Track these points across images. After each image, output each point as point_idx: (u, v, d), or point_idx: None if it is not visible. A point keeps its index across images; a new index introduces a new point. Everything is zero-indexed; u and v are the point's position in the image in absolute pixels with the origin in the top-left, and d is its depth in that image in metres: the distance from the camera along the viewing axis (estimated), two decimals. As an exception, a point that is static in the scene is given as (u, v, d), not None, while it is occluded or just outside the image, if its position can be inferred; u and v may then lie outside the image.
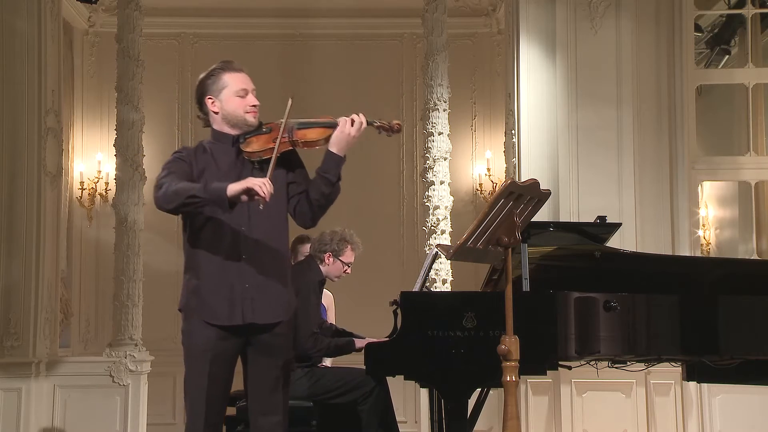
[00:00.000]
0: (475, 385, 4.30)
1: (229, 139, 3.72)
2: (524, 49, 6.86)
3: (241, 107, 3.69)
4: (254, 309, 3.61)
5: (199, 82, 3.76)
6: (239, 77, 3.72)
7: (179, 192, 3.52)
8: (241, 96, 3.69)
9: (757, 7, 7.26)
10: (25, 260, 6.60)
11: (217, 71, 3.73)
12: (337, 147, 3.65)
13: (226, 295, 3.61)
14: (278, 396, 3.68)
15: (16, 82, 6.70)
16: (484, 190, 8.66)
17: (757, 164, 7.12)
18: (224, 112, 3.71)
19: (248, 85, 3.72)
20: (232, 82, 3.70)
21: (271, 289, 3.65)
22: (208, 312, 3.62)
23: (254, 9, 8.68)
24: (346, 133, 3.64)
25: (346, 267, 5.41)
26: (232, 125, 3.71)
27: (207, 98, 3.73)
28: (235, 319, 3.60)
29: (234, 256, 3.61)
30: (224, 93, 3.70)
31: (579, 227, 5.00)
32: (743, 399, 6.48)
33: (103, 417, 6.70)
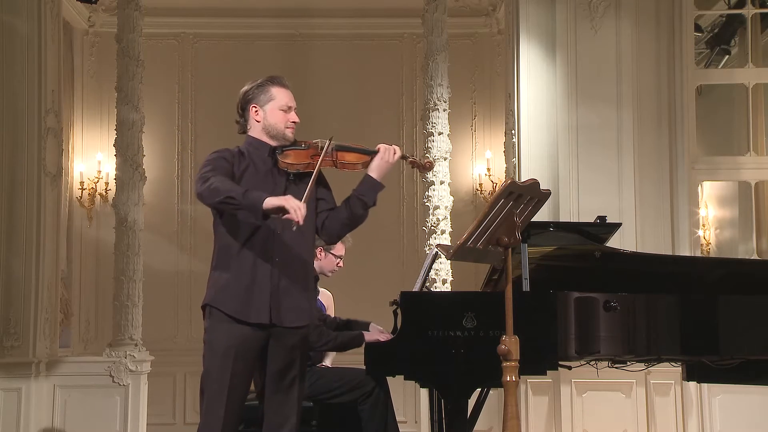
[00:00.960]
0: (475, 385, 4.30)
1: (266, 148, 3.84)
2: (524, 49, 6.86)
3: (283, 121, 3.83)
4: (281, 311, 3.72)
5: (246, 90, 3.89)
6: (285, 93, 3.87)
7: (221, 190, 3.61)
8: (285, 111, 3.84)
9: (757, 7, 7.27)
10: (25, 260, 6.60)
11: (267, 83, 3.87)
12: (377, 173, 3.88)
13: (256, 293, 3.70)
14: (293, 396, 3.78)
15: (16, 82, 6.70)
16: (484, 190, 8.65)
17: (757, 164, 7.12)
18: (266, 123, 3.84)
19: (292, 102, 3.88)
20: (279, 96, 3.85)
21: (298, 293, 3.77)
22: (236, 307, 3.70)
23: (254, 9, 8.69)
24: (386, 161, 3.86)
25: (338, 260, 5.39)
26: (271, 137, 3.84)
27: (252, 107, 3.86)
28: (263, 318, 3.70)
29: (266, 257, 3.72)
30: (270, 105, 3.84)
31: (579, 227, 5.00)
32: (743, 399, 6.48)
33: (103, 417, 6.70)
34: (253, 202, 3.56)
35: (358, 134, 8.70)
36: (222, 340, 3.70)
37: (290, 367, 3.78)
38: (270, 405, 3.79)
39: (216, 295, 3.74)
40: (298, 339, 3.80)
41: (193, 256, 8.65)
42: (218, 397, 3.67)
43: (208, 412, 3.69)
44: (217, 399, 3.67)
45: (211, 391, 3.69)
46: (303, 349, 3.84)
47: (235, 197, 3.58)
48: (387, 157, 3.86)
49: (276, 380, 3.77)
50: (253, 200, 3.57)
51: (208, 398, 3.69)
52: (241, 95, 3.89)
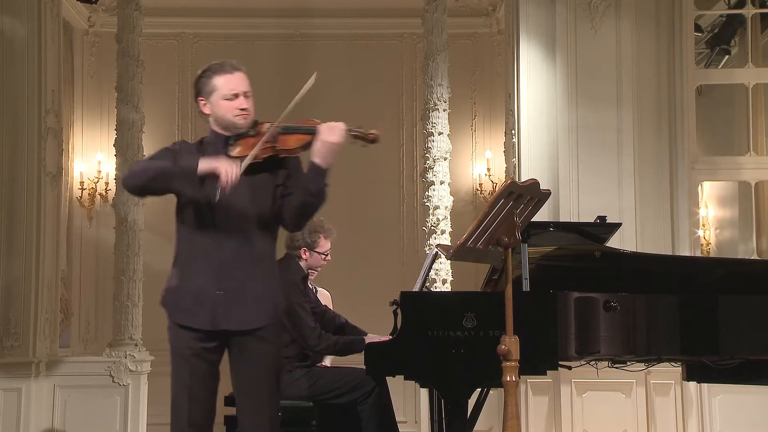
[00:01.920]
0: (475, 385, 4.30)
1: (221, 139, 3.66)
2: (524, 49, 6.86)
3: (230, 111, 3.62)
4: (226, 315, 3.52)
5: (193, 82, 3.73)
6: (230, 79, 3.63)
7: (147, 168, 3.50)
8: (230, 99, 3.61)
9: (757, 7, 7.26)
10: (25, 260, 6.60)
11: (208, 73, 3.66)
12: (319, 157, 3.53)
13: (197, 299, 3.54)
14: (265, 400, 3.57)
15: (16, 83, 6.70)
16: (484, 190, 8.65)
17: (757, 164, 7.12)
18: (215, 115, 3.66)
19: (239, 87, 3.63)
20: (221, 86, 3.62)
21: (249, 295, 3.55)
22: (178, 313, 3.59)
23: (254, 9, 8.68)
24: (327, 142, 3.52)
25: (324, 256, 5.37)
26: (223, 128, 3.66)
27: (199, 100, 3.69)
28: (204, 324, 3.53)
29: (212, 259, 3.54)
30: (214, 96, 3.63)
31: (579, 227, 5.00)
32: (743, 399, 6.48)
33: (103, 417, 6.70)
34: (188, 167, 3.43)
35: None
36: (176, 341, 3.59)
37: (257, 373, 3.55)
38: (241, 414, 3.60)
39: (164, 299, 3.66)
40: (260, 342, 3.55)
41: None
42: (181, 398, 3.56)
43: (175, 412, 3.59)
44: (181, 400, 3.57)
45: (174, 392, 3.59)
46: (270, 352, 3.58)
47: (168, 168, 3.45)
48: (326, 137, 3.50)
49: (243, 388, 3.58)
50: (187, 166, 3.44)
51: (173, 399, 3.59)
52: (192, 86, 3.73)
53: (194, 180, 3.44)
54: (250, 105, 3.65)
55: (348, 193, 8.39)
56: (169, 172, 3.47)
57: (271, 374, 3.59)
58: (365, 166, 8.32)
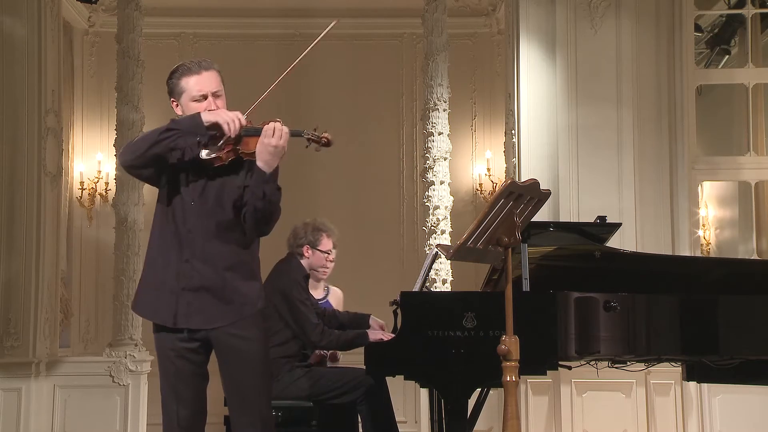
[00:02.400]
0: (475, 385, 4.30)
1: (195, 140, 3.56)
2: (524, 49, 6.86)
3: None
4: (189, 314, 3.45)
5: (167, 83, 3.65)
6: (197, 80, 3.53)
7: (147, 136, 3.41)
8: (199, 101, 3.52)
9: (757, 7, 7.26)
10: (25, 260, 6.61)
11: (177, 74, 3.58)
12: (261, 160, 3.36)
13: (159, 296, 3.48)
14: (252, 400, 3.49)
15: (16, 83, 6.71)
16: (484, 190, 8.65)
17: (757, 164, 7.12)
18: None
19: (207, 87, 3.53)
20: (189, 87, 3.54)
21: (214, 293, 3.46)
22: (143, 309, 3.56)
23: (254, 9, 8.68)
24: (266, 144, 3.35)
25: (327, 255, 5.37)
26: None
27: (171, 101, 3.63)
28: (167, 321, 3.46)
29: (177, 257, 3.47)
30: (183, 98, 3.57)
31: (579, 227, 5.00)
32: (743, 399, 6.48)
33: (103, 417, 6.70)
34: (190, 121, 3.36)
35: (358, 134, 8.76)
36: (159, 342, 3.54)
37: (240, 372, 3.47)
38: (231, 415, 3.54)
39: (134, 297, 3.64)
40: (236, 339, 3.45)
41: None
42: (170, 400, 3.52)
43: (165, 413, 3.54)
44: (169, 401, 3.52)
45: (163, 394, 3.54)
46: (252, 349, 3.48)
47: (167, 129, 3.36)
48: (267, 139, 3.33)
49: (229, 388, 3.51)
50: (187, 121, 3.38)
51: (162, 401, 3.54)
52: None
53: (202, 132, 3.34)
54: (220, 104, 3.54)
55: (348, 193, 8.39)
56: (174, 131, 3.37)
57: (256, 373, 3.50)
58: (365, 166, 8.32)
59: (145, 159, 3.43)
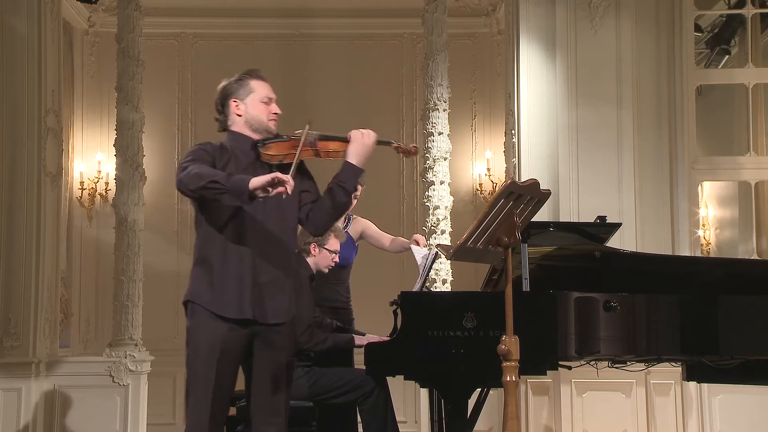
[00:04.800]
0: (475, 385, 4.30)
1: (249, 141, 3.79)
2: (524, 49, 6.86)
3: (265, 113, 3.81)
4: (263, 307, 3.68)
5: (224, 86, 3.85)
6: (265, 85, 3.85)
7: (203, 175, 3.56)
8: (266, 103, 3.82)
9: (757, 7, 7.27)
10: (25, 260, 6.60)
11: (245, 77, 3.84)
12: (355, 158, 3.78)
13: (238, 289, 3.66)
14: (281, 396, 3.73)
15: (16, 82, 6.70)
16: (484, 190, 8.65)
17: (757, 164, 7.12)
18: (248, 116, 3.80)
19: (272, 94, 3.85)
20: (258, 89, 3.82)
21: (280, 289, 3.72)
22: (218, 304, 3.66)
23: (254, 9, 8.68)
24: (362, 144, 3.77)
25: (333, 255, 5.40)
26: (254, 130, 3.80)
27: (232, 101, 3.82)
28: (245, 313, 3.66)
29: (247, 252, 3.67)
30: (250, 98, 3.81)
31: (579, 227, 5.00)
32: (743, 399, 6.48)
33: (103, 417, 6.70)
34: (238, 183, 3.51)
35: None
36: (205, 339, 3.65)
37: (276, 366, 3.72)
38: (256, 406, 3.74)
39: (196, 291, 3.71)
40: (282, 337, 3.74)
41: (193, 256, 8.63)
42: (204, 398, 3.62)
43: (195, 414, 3.64)
44: (204, 400, 3.62)
45: (197, 391, 3.64)
46: (289, 348, 3.78)
47: (219, 181, 3.52)
48: (363, 140, 3.78)
49: (262, 380, 3.72)
50: (238, 182, 3.51)
51: (195, 400, 3.64)
52: (219, 91, 3.85)
53: (245, 197, 3.53)
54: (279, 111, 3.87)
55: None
56: (221, 187, 3.53)
57: (288, 369, 3.78)
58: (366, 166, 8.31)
59: (193, 197, 3.67)
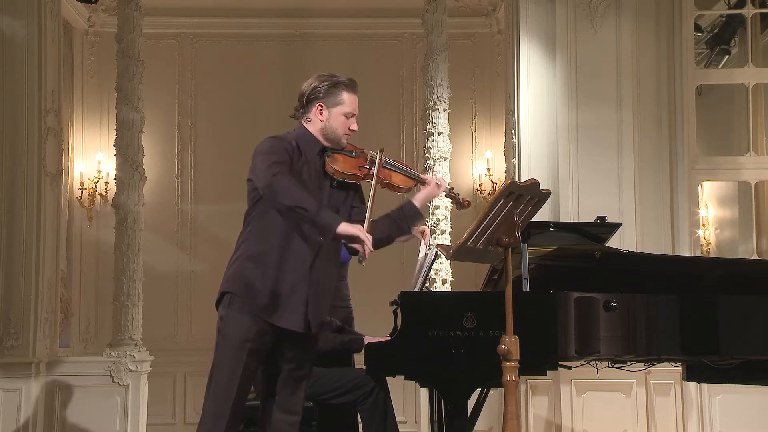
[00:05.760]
0: (475, 385, 4.30)
1: (318, 147, 3.80)
2: (524, 49, 6.86)
3: (344, 128, 3.83)
4: (310, 317, 3.75)
5: (316, 85, 3.81)
6: (354, 99, 3.85)
7: (295, 196, 3.51)
8: (348, 118, 3.83)
9: (757, 7, 7.26)
10: (25, 260, 6.60)
11: (340, 86, 3.82)
12: (420, 203, 3.90)
13: (293, 299, 3.70)
14: (300, 395, 3.87)
15: (16, 82, 6.70)
16: (484, 190, 8.65)
17: (757, 164, 7.12)
18: (328, 125, 3.81)
19: (356, 109, 3.87)
20: (348, 102, 3.83)
21: (324, 300, 3.83)
22: (273, 312, 3.69)
23: (254, 9, 8.69)
24: (432, 195, 3.92)
25: None
26: (328, 139, 3.82)
27: (318, 104, 3.80)
28: (299, 326, 3.72)
29: (307, 262, 3.73)
30: (337, 109, 3.81)
31: (579, 227, 4.99)
32: (743, 399, 6.48)
33: (103, 417, 6.70)
34: (327, 223, 3.50)
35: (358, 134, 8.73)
36: (239, 333, 3.68)
37: (302, 365, 3.86)
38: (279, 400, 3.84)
39: (247, 288, 3.70)
40: (312, 341, 3.88)
41: (193, 256, 8.65)
42: (228, 389, 3.65)
43: (215, 403, 3.66)
44: (226, 391, 3.65)
45: (222, 381, 3.67)
46: (314, 347, 3.92)
47: (310, 210, 3.48)
48: (434, 192, 3.91)
49: (287, 376, 3.84)
50: (327, 221, 3.50)
51: (217, 388, 3.66)
52: (309, 88, 3.81)
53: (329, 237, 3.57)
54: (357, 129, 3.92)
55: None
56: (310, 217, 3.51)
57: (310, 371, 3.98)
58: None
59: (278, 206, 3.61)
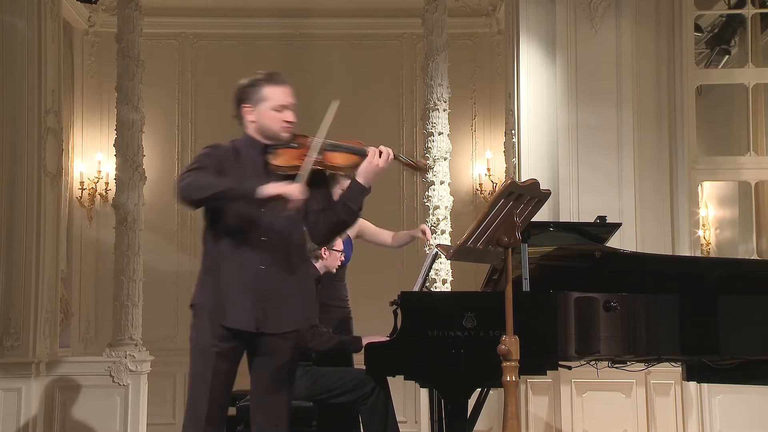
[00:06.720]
0: (475, 385, 4.30)
1: (259, 147, 3.73)
2: (524, 49, 6.86)
3: (277, 123, 3.71)
4: (267, 318, 3.66)
5: (238, 87, 3.77)
6: (280, 91, 3.73)
7: (204, 186, 3.54)
8: (278, 111, 3.71)
9: (757, 7, 7.26)
10: (25, 260, 6.60)
11: (259, 82, 3.74)
12: (364, 178, 3.68)
13: (242, 300, 3.64)
14: (281, 400, 3.73)
15: (16, 82, 6.70)
16: (484, 190, 8.65)
17: (757, 164, 7.12)
18: (259, 123, 3.72)
19: (287, 100, 3.73)
20: (272, 97, 3.71)
21: (286, 299, 3.69)
22: (222, 314, 3.65)
23: (254, 9, 8.69)
24: (374, 165, 3.66)
25: (340, 254, 5.43)
26: (265, 137, 3.73)
27: (244, 106, 3.74)
28: (249, 326, 3.64)
29: (255, 262, 3.65)
30: (262, 105, 3.71)
31: (579, 227, 4.99)
32: (743, 399, 6.48)
33: (103, 417, 6.70)
34: (246, 191, 3.49)
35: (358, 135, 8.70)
36: (203, 339, 3.66)
37: (279, 370, 3.72)
38: (258, 408, 3.74)
39: (203, 299, 3.70)
40: (288, 344, 3.73)
41: (193, 256, 8.64)
42: (201, 396, 3.63)
43: (193, 406, 3.66)
44: (200, 398, 3.64)
45: (194, 390, 3.66)
46: (293, 354, 3.76)
47: (225, 190, 3.51)
48: (375, 161, 3.65)
49: (263, 383, 3.72)
50: (246, 189, 3.50)
51: (191, 397, 3.66)
52: (235, 92, 3.79)
53: (255, 203, 3.52)
54: (293, 118, 3.75)
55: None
56: (229, 194, 3.54)
57: (291, 377, 3.79)
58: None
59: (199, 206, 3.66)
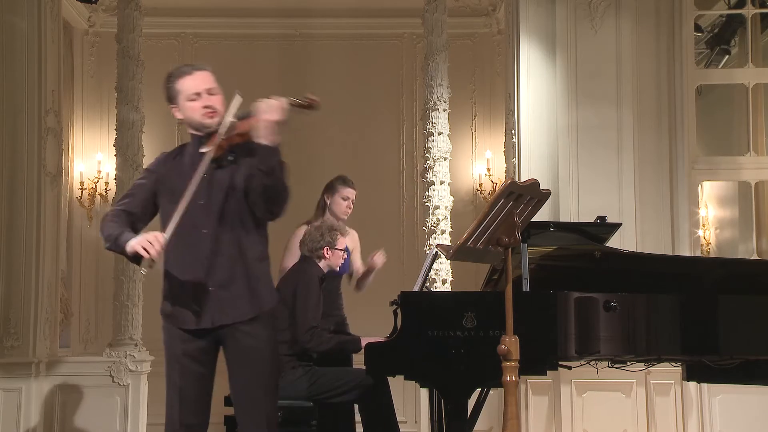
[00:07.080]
0: (475, 385, 4.30)
1: (197, 140, 3.68)
2: (524, 49, 6.86)
3: (196, 111, 3.63)
4: (221, 310, 3.57)
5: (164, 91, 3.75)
6: (189, 81, 3.65)
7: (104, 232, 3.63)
8: (194, 100, 3.63)
9: (757, 7, 7.26)
10: (25, 260, 6.60)
11: (171, 79, 3.69)
12: (264, 137, 3.51)
13: (191, 300, 3.58)
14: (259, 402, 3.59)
15: (16, 82, 6.70)
16: (484, 190, 8.65)
17: (757, 164, 7.12)
18: (186, 118, 3.69)
19: (200, 86, 3.63)
20: (183, 88, 3.65)
21: (236, 288, 3.57)
22: (176, 317, 3.62)
23: (254, 9, 8.68)
24: (266, 119, 3.49)
25: (343, 252, 5.45)
26: (196, 129, 3.68)
27: (171, 108, 3.72)
28: (204, 323, 3.58)
29: (197, 259, 3.58)
30: (179, 100, 3.67)
31: (579, 227, 5.00)
32: (743, 399, 6.48)
33: (103, 417, 6.70)
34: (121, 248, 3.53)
35: (358, 134, 8.76)
36: (169, 342, 3.65)
37: (252, 370, 3.58)
38: (236, 407, 3.65)
39: (162, 303, 3.70)
40: (249, 335, 3.57)
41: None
42: (173, 400, 3.63)
43: (167, 416, 3.66)
44: (173, 402, 3.63)
45: (168, 394, 3.66)
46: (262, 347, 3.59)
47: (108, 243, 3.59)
48: (264, 116, 3.48)
49: (238, 385, 3.60)
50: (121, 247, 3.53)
51: (166, 402, 3.66)
52: None
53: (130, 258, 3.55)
54: (216, 102, 3.64)
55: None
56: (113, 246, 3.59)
57: (265, 371, 3.61)
58: (365, 165, 8.32)
59: None
